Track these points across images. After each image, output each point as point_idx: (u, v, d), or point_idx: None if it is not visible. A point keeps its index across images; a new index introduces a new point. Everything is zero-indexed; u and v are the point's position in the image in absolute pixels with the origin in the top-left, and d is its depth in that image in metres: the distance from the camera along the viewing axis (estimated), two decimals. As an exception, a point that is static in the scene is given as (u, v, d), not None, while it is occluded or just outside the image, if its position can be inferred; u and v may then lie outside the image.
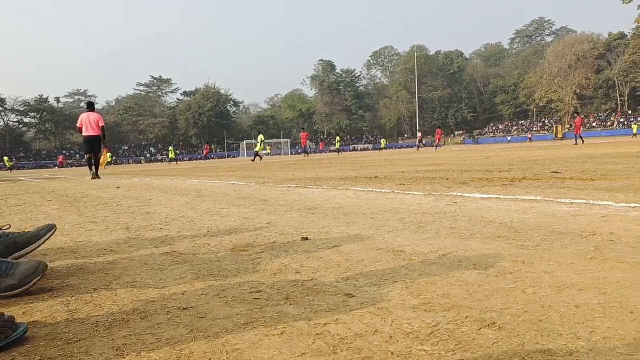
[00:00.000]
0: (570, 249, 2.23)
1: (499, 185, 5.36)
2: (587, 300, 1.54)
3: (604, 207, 3.42)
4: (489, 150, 24.37)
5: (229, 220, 3.85)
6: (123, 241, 3.17)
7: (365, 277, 1.98)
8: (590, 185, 4.86)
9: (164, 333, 1.47)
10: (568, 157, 11.39)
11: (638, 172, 6.00)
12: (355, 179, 7.72)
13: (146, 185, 9.78)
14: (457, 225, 3.06)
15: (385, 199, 4.66)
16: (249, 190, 6.83)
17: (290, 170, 13.13)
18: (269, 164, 22.13)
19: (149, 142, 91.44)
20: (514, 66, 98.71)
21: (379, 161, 16.54)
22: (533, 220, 3.07)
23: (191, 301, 1.78)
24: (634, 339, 1.23)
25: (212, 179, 10.71)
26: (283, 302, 1.71)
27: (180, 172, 16.50)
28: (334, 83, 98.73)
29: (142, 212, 4.75)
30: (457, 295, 1.68)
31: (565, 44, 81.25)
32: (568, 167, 7.79)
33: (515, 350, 1.21)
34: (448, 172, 8.18)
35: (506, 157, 13.30)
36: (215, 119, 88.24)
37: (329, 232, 3.06)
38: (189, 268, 2.30)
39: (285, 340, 1.37)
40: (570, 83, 79.24)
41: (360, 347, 1.29)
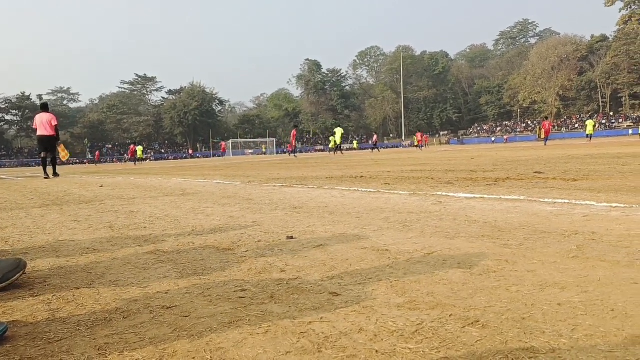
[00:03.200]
0: (553, 248, 2.26)
1: (483, 185, 5.40)
2: (569, 299, 1.56)
3: (586, 206, 3.46)
4: (473, 151, 24.55)
5: (214, 219, 3.83)
6: (106, 240, 3.13)
7: (350, 275, 1.98)
8: (572, 185, 4.91)
9: (147, 332, 1.45)
10: (551, 157, 11.51)
11: (619, 173, 6.09)
12: (341, 178, 7.73)
13: (130, 183, 9.69)
14: (441, 224, 3.07)
15: (370, 198, 4.67)
16: (234, 189, 6.80)
17: (275, 169, 13.10)
18: (254, 162, 22.07)
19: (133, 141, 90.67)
20: (498, 67, 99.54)
21: (365, 161, 16.58)
22: (516, 219, 3.09)
23: (175, 300, 1.76)
24: (615, 337, 1.25)
25: (196, 177, 10.65)
26: (268, 300, 1.71)
27: (164, 171, 16.39)
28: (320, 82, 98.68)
29: (126, 211, 4.71)
30: (442, 293, 1.68)
31: (549, 46, 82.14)
32: (551, 167, 7.88)
33: (499, 348, 1.22)
34: (433, 172, 8.22)
35: (490, 158, 13.41)
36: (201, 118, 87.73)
37: (314, 231, 3.06)
38: (173, 267, 2.28)
39: (269, 338, 1.36)
40: (553, 84, 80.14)
41: (344, 346, 1.29)
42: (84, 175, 16.87)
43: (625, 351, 1.16)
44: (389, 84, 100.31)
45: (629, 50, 73.42)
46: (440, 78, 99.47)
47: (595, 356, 1.14)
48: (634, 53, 73.13)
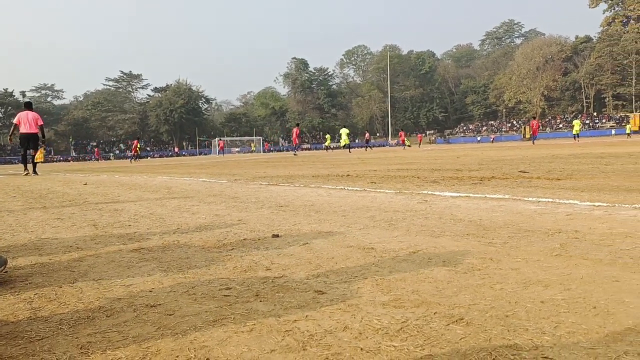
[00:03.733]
0: (537, 246, 2.28)
1: (469, 184, 5.44)
2: (552, 296, 1.57)
3: (570, 205, 3.50)
4: (459, 150, 24.70)
5: (199, 217, 3.81)
6: (90, 238, 3.10)
7: (336, 273, 1.98)
8: (556, 185, 4.96)
9: (131, 331, 1.44)
10: (535, 157, 11.62)
11: (602, 172, 6.16)
12: (327, 177, 7.73)
13: (115, 181, 9.61)
14: (427, 222, 3.08)
15: (356, 197, 4.68)
16: (220, 187, 6.77)
17: (262, 167, 13.07)
18: (240, 161, 22.00)
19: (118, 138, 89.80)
20: (484, 67, 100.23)
21: (351, 159, 16.61)
22: (501, 218, 3.12)
23: (159, 298, 1.75)
24: (597, 333, 1.26)
25: (182, 175, 10.59)
26: (253, 298, 1.70)
27: (150, 169, 16.28)
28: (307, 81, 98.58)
29: (110, 209, 4.67)
30: (427, 291, 1.69)
31: (534, 46, 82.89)
32: (535, 166, 7.95)
33: (482, 345, 1.23)
34: (419, 171, 8.26)
35: (476, 157, 13.50)
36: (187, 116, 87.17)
37: (300, 229, 3.06)
38: (158, 265, 2.26)
39: (254, 336, 1.36)
40: (538, 84, 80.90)
41: (329, 343, 1.28)
42: (67, 172, 16.70)
43: (607, 348, 1.17)
44: (375, 83, 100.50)
45: (612, 51, 74.36)
46: (427, 77, 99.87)
47: (577, 353, 1.16)
48: (617, 54, 74.09)
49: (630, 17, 77.74)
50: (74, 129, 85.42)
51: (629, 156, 9.74)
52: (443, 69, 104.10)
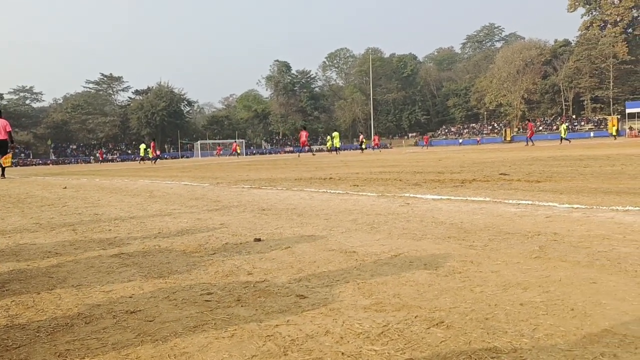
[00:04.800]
0: (516, 249, 2.30)
1: (450, 187, 5.48)
2: (531, 298, 1.59)
3: (549, 208, 3.54)
4: (441, 152, 24.88)
5: (181, 221, 3.78)
6: (69, 243, 3.06)
7: (318, 277, 1.98)
8: (536, 187, 5.02)
9: (110, 337, 1.43)
10: (516, 159, 11.75)
11: (581, 175, 6.25)
12: (310, 180, 7.73)
13: (95, 185, 9.50)
14: (409, 225, 3.10)
15: (338, 200, 4.69)
16: (202, 190, 6.73)
17: (244, 170, 13.03)
18: (223, 164, 21.89)
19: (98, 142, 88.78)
20: (465, 70, 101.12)
21: (334, 162, 16.62)
22: (482, 220, 3.15)
23: (139, 304, 1.73)
24: (574, 335, 1.28)
25: (164, 179, 10.50)
26: (234, 303, 1.69)
27: (131, 172, 16.11)
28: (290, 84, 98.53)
29: (90, 213, 4.61)
30: (408, 294, 1.70)
31: (514, 50, 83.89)
32: (516, 169, 8.04)
33: (462, 348, 1.24)
34: (401, 174, 8.30)
35: (458, 159, 13.61)
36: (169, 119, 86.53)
37: (282, 233, 3.05)
38: (138, 270, 2.24)
39: (235, 342, 1.35)
40: (518, 88, 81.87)
41: (310, 348, 1.28)
42: (47, 176, 16.46)
43: (584, 350, 1.19)
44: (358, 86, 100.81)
45: (591, 55, 75.57)
46: (409, 80, 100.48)
47: (555, 355, 1.17)
48: (595, 58, 75.30)
49: (607, 22, 79.12)
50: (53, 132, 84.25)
51: (607, 158, 9.90)
52: (425, 72, 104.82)
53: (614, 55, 74.06)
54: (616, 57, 74.12)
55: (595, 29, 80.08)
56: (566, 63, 79.82)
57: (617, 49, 73.99)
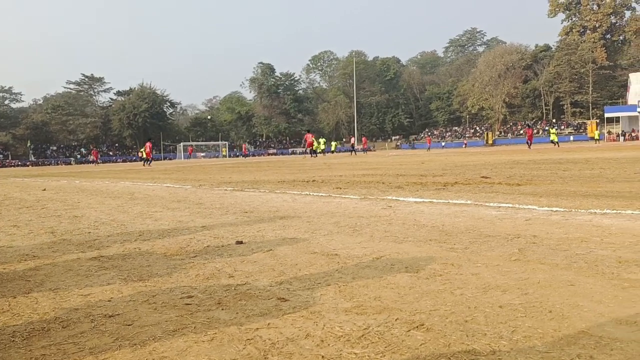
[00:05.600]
0: (496, 251, 2.32)
1: (433, 189, 5.51)
2: (510, 301, 1.61)
3: (528, 210, 3.58)
4: (424, 155, 25.02)
5: (162, 224, 3.75)
6: (47, 246, 3.02)
7: (299, 280, 1.97)
8: (516, 190, 5.07)
9: (87, 342, 1.41)
10: (497, 162, 11.86)
11: (560, 178, 6.33)
12: (293, 183, 7.72)
13: (75, 187, 9.38)
14: (391, 228, 3.11)
15: (321, 203, 4.69)
16: (184, 193, 6.69)
17: (227, 173, 12.97)
18: (206, 166, 21.77)
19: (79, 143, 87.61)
20: (448, 74, 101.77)
21: (317, 165, 16.63)
22: (463, 223, 3.17)
23: (118, 308, 1.71)
24: (552, 337, 1.29)
25: (146, 181, 10.41)
26: (215, 307, 1.68)
27: (113, 174, 15.94)
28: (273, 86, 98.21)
29: (69, 216, 4.55)
30: (389, 297, 1.70)
31: (495, 54, 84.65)
32: (497, 172, 8.12)
33: (442, 351, 1.24)
34: (384, 176, 8.33)
35: (440, 162, 13.70)
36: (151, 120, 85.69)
37: (264, 236, 3.04)
38: (117, 273, 2.22)
39: (215, 346, 1.34)
40: (500, 92, 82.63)
41: (291, 352, 1.28)
42: (26, 177, 16.23)
43: (561, 351, 1.20)
44: (341, 89, 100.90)
45: (570, 60, 76.60)
46: (392, 83, 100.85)
47: (533, 357, 1.18)
48: (574, 63, 76.34)
49: (586, 27, 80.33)
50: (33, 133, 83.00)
51: (585, 162, 10.04)
52: (408, 75, 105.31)
53: (593, 61, 75.20)
54: (595, 63, 75.26)
55: (574, 34, 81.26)
56: (546, 68, 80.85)
57: (596, 55, 75.15)
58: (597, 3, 78.65)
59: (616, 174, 6.60)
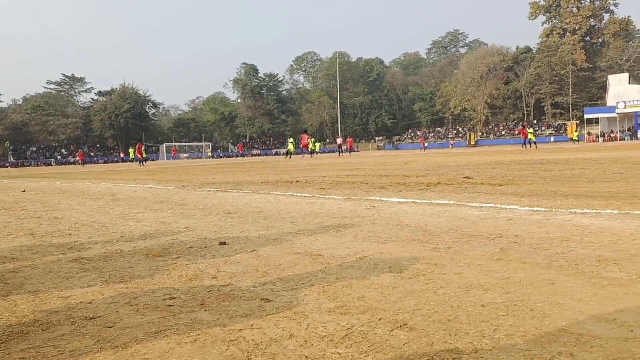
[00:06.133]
0: (479, 251, 2.34)
1: (416, 190, 5.54)
2: (492, 300, 1.62)
3: (510, 211, 3.62)
4: (407, 156, 25.15)
5: (145, 225, 3.72)
6: (27, 248, 2.97)
7: (283, 281, 1.97)
8: (498, 190, 5.12)
9: (68, 345, 1.39)
10: (480, 163, 11.96)
11: (541, 178, 6.41)
12: (277, 183, 7.71)
13: (56, 188, 9.26)
14: (374, 229, 3.12)
15: (305, 203, 4.69)
16: (167, 194, 6.63)
17: (211, 173, 12.90)
18: (189, 167, 21.63)
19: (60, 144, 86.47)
20: (431, 75, 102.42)
21: (301, 165, 16.63)
22: (446, 223, 3.19)
23: (99, 310, 1.69)
24: (533, 335, 1.31)
25: (128, 182, 10.31)
26: (198, 308, 1.67)
27: (94, 175, 15.77)
28: (257, 87, 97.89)
29: (50, 217, 4.49)
30: (372, 297, 1.71)
31: (478, 56, 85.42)
32: (479, 172, 8.19)
33: (425, 350, 1.25)
34: (368, 177, 8.35)
35: (423, 163, 13.78)
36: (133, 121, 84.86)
37: (247, 237, 3.03)
38: (99, 275, 2.19)
39: (198, 347, 1.33)
40: (482, 93, 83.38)
41: (274, 352, 1.28)
42: (4, 179, 15.97)
43: (542, 349, 1.22)
44: (325, 90, 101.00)
45: (551, 62, 77.57)
46: (376, 84, 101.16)
47: (515, 355, 1.19)
48: (555, 65, 77.32)
49: (566, 30, 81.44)
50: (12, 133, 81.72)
51: (566, 163, 10.17)
52: (391, 76, 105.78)
53: (573, 63, 76.25)
54: (575, 65, 76.32)
55: (555, 36, 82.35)
56: (528, 70, 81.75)
57: (576, 57, 76.22)
58: (576, 6, 79.79)
59: (596, 174, 6.70)
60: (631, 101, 56.15)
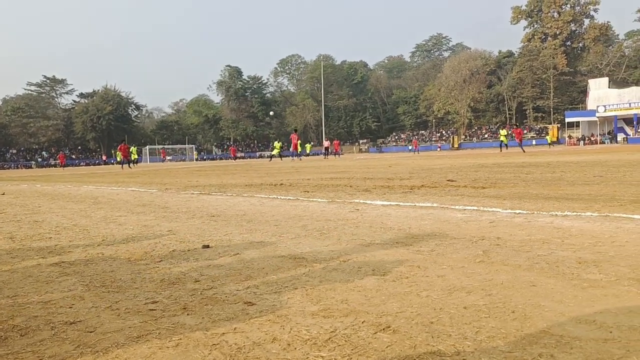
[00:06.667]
0: (462, 253, 2.36)
1: (400, 193, 5.56)
2: (474, 302, 1.63)
3: (493, 213, 3.65)
4: (391, 159, 25.25)
5: (127, 228, 3.68)
6: (5, 252, 2.93)
7: (266, 284, 1.96)
8: (481, 193, 5.16)
9: (47, 350, 1.37)
10: (463, 166, 12.05)
11: (523, 181, 6.47)
12: (260, 186, 7.69)
13: (36, 191, 9.13)
14: (358, 231, 3.12)
15: (289, 206, 4.68)
16: (149, 197, 6.58)
17: (194, 176, 12.82)
18: (172, 170, 21.48)
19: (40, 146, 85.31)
20: (415, 78, 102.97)
21: (285, 168, 16.60)
22: (429, 226, 3.21)
23: (79, 315, 1.67)
24: (514, 337, 1.32)
25: (110, 185, 10.21)
26: (180, 312, 1.66)
27: (75, 178, 15.58)
28: (241, 89, 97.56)
29: (30, 220, 4.43)
30: (356, 300, 1.71)
31: (460, 60, 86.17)
32: (462, 175, 8.25)
33: (408, 352, 1.25)
34: (352, 180, 8.37)
35: (407, 166, 13.84)
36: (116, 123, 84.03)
37: (231, 240, 3.02)
38: (80, 279, 2.16)
39: (180, 352, 1.32)
40: (465, 96, 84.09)
41: (257, 356, 1.27)
42: (-16, 182, 15.71)
43: (523, 351, 1.23)
44: (309, 92, 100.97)
45: (532, 65, 78.52)
46: (360, 87, 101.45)
47: (496, 357, 1.20)
48: (536, 68, 78.29)
49: (547, 34, 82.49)
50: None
51: (547, 165, 10.30)
52: (375, 79, 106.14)
53: (554, 67, 77.26)
54: (556, 69, 77.33)
55: (536, 41, 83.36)
56: (510, 73, 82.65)
57: (557, 61, 77.22)
58: (557, 11, 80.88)
59: (576, 177, 6.79)
60: (611, 105, 57.06)
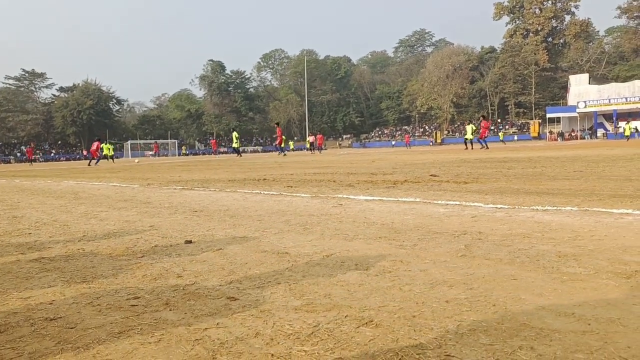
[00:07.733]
0: (444, 248, 2.38)
1: (383, 187, 5.58)
2: (456, 295, 1.65)
3: (475, 208, 3.68)
4: (374, 154, 25.32)
5: (108, 224, 3.65)
6: (-16, 248, 2.88)
7: (249, 279, 1.96)
8: (463, 188, 5.21)
9: (27, 347, 1.35)
10: (445, 161, 12.14)
11: (504, 176, 6.54)
12: (244, 181, 7.66)
13: (15, 186, 9.00)
14: (341, 226, 3.13)
15: (272, 201, 4.67)
16: (131, 192, 6.52)
17: (177, 171, 12.73)
18: (154, 165, 21.30)
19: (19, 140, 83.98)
20: (398, 74, 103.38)
21: (268, 163, 16.56)
22: (412, 221, 3.23)
23: (60, 311, 1.65)
24: (495, 330, 1.34)
25: (91, 180, 10.09)
26: (162, 307, 1.65)
27: (55, 173, 15.37)
28: (224, 84, 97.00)
29: (8, 216, 4.36)
30: (339, 295, 1.71)
31: (443, 55, 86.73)
32: (445, 170, 8.31)
33: (390, 346, 1.26)
34: (335, 175, 8.37)
35: (390, 161, 13.89)
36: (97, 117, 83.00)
37: (213, 235, 3.00)
38: (60, 275, 2.14)
39: (162, 347, 1.31)
40: (447, 92, 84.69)
41: (240, 351, 1.27)
42: (-39, 177, 15.43)
43: (504, 344, 1.24)
44: (293, 87, 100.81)
45: (514, 61, 79.35)
46: (343, 82, 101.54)
47: (478, 349, 1.22)
48: (518, 64, 79.13)
49: (529, 30, 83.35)
50: (-31, 129, 79.18)
51: (528, 160, 10.41)
52: (359, 74, 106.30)
53: (536, 63, 78.08)
54: (537, 64, 78.17)
55: (518, 37, 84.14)
56: (492, 69, 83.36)
57: (538, 57, 78.05)
58: (539, 7, 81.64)
59: (557, 172, 6.88)
60: (591, 101, 57.88)
